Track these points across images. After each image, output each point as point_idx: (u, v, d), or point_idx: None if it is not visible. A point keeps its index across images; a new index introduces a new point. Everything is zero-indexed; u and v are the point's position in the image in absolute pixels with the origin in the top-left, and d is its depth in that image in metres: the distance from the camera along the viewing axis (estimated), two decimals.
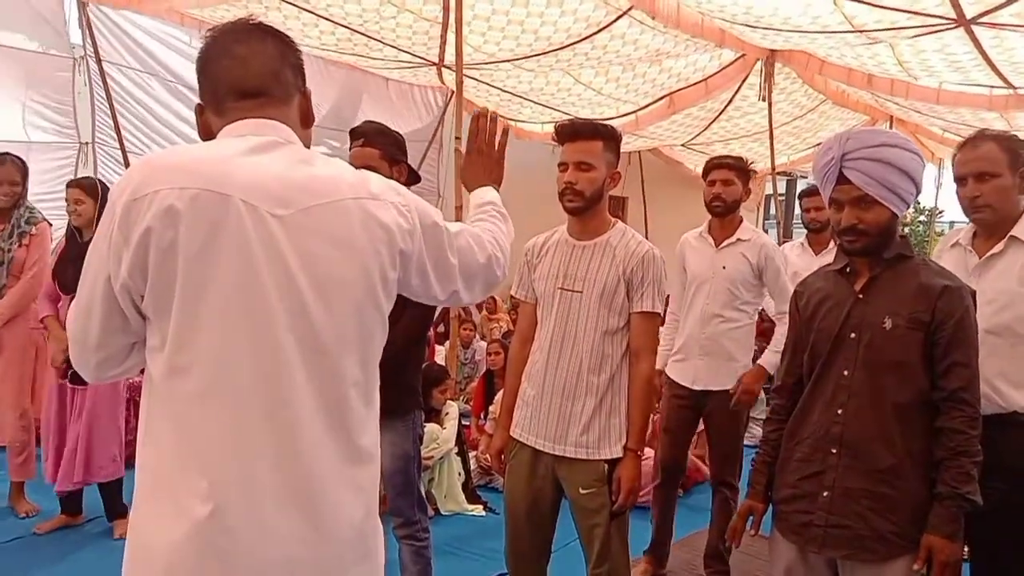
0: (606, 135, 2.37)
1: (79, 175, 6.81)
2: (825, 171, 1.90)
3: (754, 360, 3.35)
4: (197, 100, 1.34)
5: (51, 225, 3.95)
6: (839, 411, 1.91)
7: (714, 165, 3.31)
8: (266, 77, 1.28)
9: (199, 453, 1.16)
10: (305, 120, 1.37)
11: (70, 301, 3.47)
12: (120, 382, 3.78)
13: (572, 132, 2.35)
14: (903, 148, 1.86)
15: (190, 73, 8.18)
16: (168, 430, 1.18)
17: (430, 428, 4.09)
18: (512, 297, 10.17)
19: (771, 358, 3.23)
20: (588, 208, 2.36)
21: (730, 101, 8.54)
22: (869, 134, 1.89)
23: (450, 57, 6.77)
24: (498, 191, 1.72)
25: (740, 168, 3.28)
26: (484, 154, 1.74)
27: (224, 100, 1.29)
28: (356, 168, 1.36)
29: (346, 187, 1.26)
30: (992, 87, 6.47)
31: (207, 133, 1.32)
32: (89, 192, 3.60)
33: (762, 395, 4.51)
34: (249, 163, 1.20)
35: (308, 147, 1.34)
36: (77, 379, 3.56)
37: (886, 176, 1.83)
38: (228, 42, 1.29)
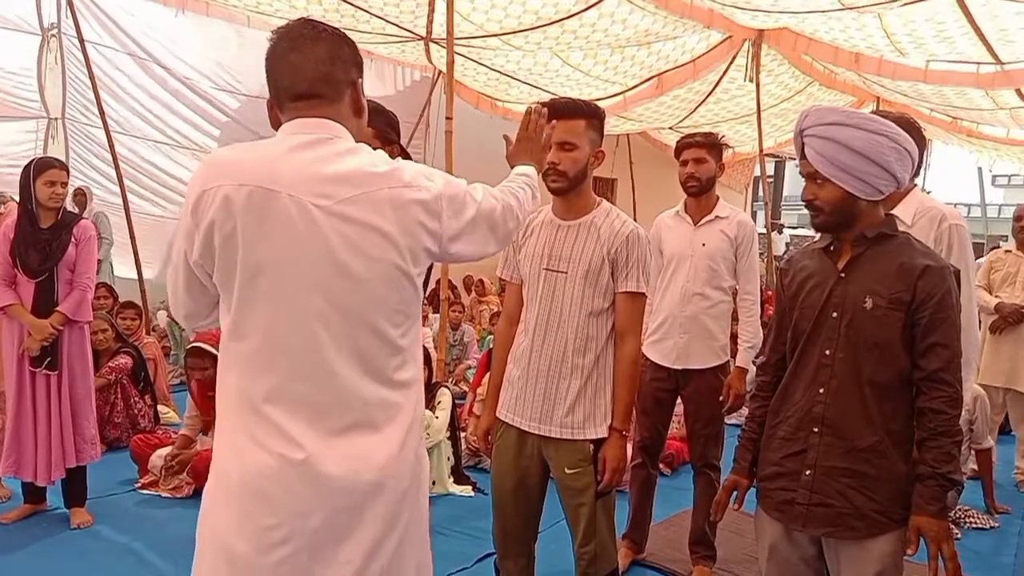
0: (588, 113, 2.35)
1: (49, 151, 6.72)
2: (794, 144, 1.93)
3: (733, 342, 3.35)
4: (173, 78, 1.43)
5: (17, 203, 3.85)
6: (821, 390, 1.91)
7: (685, 144, 3.26)
8: (316, 81, 1.47)
9: (262, 399, 1.42)
10: (357, 110, 1.55)
11: (36, 287, 3.44)
12: (90, 367, 3.73)
13: (553, 111, 2.31)
14: (860, 128, 1.81)
15: (167, 51, 8.11)
16: (235, 377, 1.45)
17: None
18: (501, 279, 10.20)
19: (746, 355, 3.25)
20: (572, 188, 2.35)
21: (717, 83, 8.52)
22: (827, 111, 1.86)
23: (438, 30, 6.69)
24: (538, 172, 1.97)
25: (711, 144, 3.23)
26: (531, 140, 2.01)
27: (283, 101, 1.49)
28: None
29: (381, 177, 1.45)
30: (979, 63, 6.46)
31: (276, 125, 1.52)
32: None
33: (752, 372, 4.52)
34: (296, 159, 1.42)
35: (361, 133, 1.55)
36: (51, 365, 3.51)
37: (836, 156, 1.81)
38: (284, 49, 1.48)
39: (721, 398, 3.22)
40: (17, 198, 3.86)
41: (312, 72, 1.46)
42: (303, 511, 1.41)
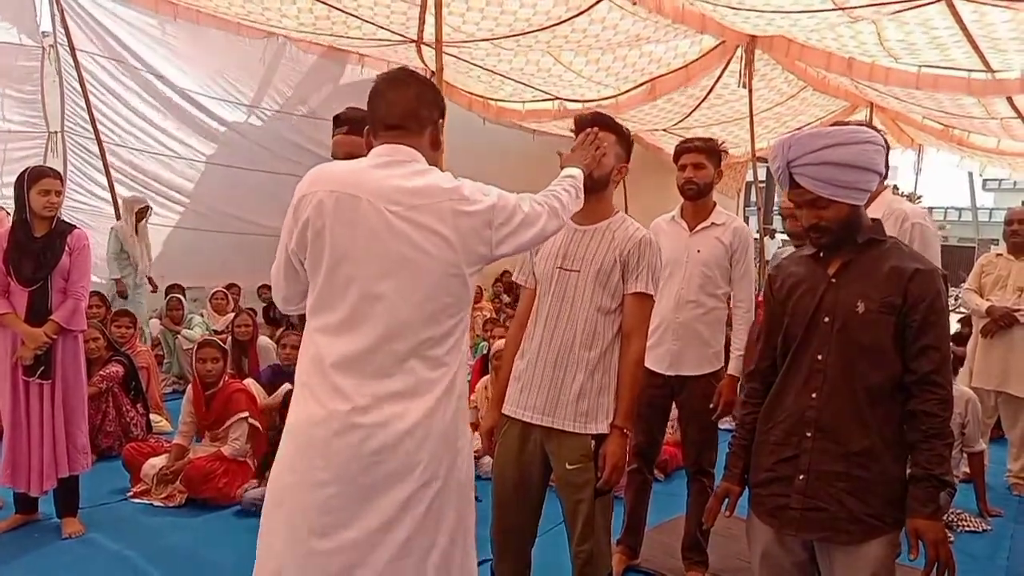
0: (620, 132, 2.49)
1: (48, 164, 6.72)
2: (777, 176, 1.93)
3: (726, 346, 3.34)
4: (167, 88, 1.52)
5: (9, 214, 3.83)
6: (813, 395, 1.92)
7: (684, 149, 3.27)
8: (405, 116, 1.83)
9: (330, 364, 1.73)
10: (434, 145, 1.90)
11: (30, 296, 3.44)
12: (83, 376, 3.71)
13: (590, 123, 2.43)
14: (849, 144, 1.84)
15: (161, 61, 8.09)
16: (312, 346, 1.78)
17: None
18: (495, 285, 10.18)
19: (737, 363, 3.23)
20: (593, 192, 2.36)
21: (711, 89, 8.52)
22: (810, 138, 1.87)
23: (429, 35, 6.70)
24: (584, 173, 2.23)
25: (710, 150, 3.23)
26: (584, 149, 2.33)
27: (377, 128, 1.86)
28: (340, 153, 1.97)
29: (444, 192, 1.77)
30: (970, 71, 6.49)
31: (369, 147, 1.87)
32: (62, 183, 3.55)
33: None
34: (377, 174, 1.77)
35: (436, 164, 1.88)
36: (44, 374, 3.49)
37: (835, 176, 1.83)
38: (384, 87, 1.86)
39: (712, 405, 3.21)
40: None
41: (403, 108, 1.83)
42: (347, 457, 1.70)
